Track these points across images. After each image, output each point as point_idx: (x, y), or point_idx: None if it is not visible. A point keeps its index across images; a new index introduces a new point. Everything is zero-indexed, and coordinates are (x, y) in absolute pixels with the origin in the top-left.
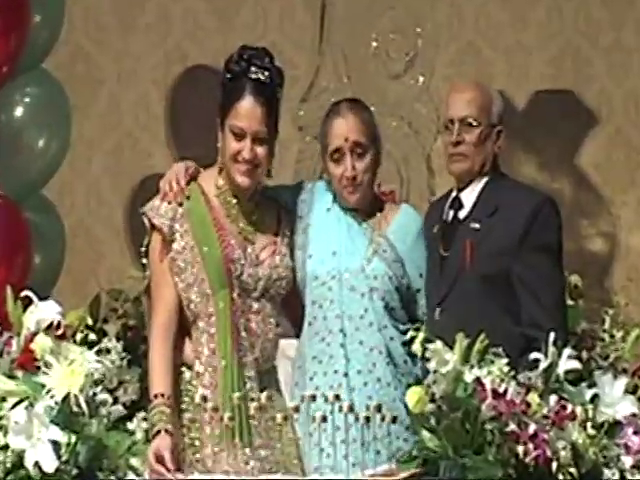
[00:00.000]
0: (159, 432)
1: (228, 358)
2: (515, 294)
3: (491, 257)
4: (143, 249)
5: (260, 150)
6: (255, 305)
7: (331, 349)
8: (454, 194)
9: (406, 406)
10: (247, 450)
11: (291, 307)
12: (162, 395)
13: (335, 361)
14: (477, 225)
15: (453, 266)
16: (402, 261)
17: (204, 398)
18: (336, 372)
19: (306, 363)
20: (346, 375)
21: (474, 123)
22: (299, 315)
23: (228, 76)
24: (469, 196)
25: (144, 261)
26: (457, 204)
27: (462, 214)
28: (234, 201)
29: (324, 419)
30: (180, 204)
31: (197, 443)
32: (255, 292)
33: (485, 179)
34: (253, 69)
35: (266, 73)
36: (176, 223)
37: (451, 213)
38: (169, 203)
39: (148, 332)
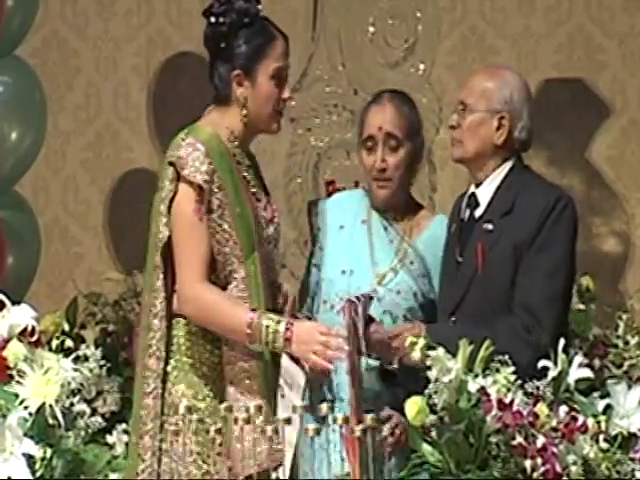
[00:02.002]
0: (288, 327)
1: None
2: None
3: (504, 262)
4: (166, 202)
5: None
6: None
7: (337, 376)
8: (471, 189)
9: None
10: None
11: None
12: (253, 311)
13: (340, 389)
14: (490, 226)
15: (467, 271)
16: (430, 275)
17: (189, 409)
18: (342, 400)
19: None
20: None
21: (467, 108)
22: None
23: (246, 21)
24: (485, 192)
25: (163, 215)
26: (473, 202)
27: (477, 213)
28: (246, 160)
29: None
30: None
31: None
32: (268, 256)
33: (502, 175)
34: (259, 7)
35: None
36: (211, 177)
37: (467, 212)
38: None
39: (179, 291)
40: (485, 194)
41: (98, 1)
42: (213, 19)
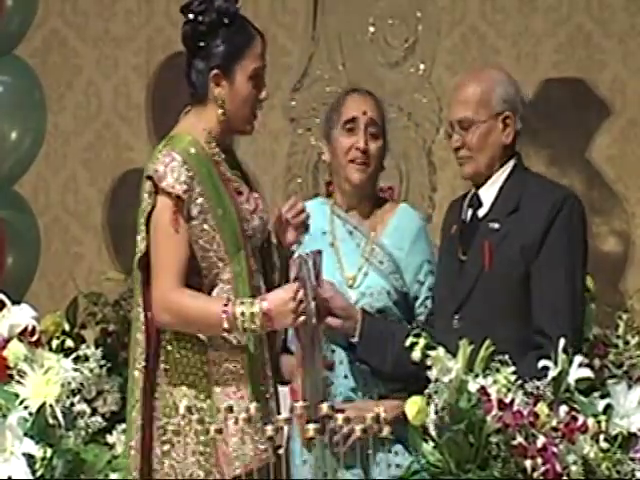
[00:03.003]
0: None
1: None
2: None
3: (511, 260)
4: (145, 215)
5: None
6: (253, 264)
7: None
8: (473, 191)
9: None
10: None
11: None
12: (228, 300)
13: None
14: (496, 225)
15: (472, 270)
16: (400, 270)
17: (189, 409)
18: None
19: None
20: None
21: (471, 123)
22: None
23: (226, 20)
24: (488, 193)
25: (142, 229)
26: (476, 202)
27: (481, 212)
28: (221, 153)
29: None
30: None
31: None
32: (256, 249)
33: (505, 174)
34: (238, 5)
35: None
36: (189, 186)
37: (470, 212)
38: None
39: (154, 302)
40: (488, 194)
41: (98, 1)
42: (192, 16)
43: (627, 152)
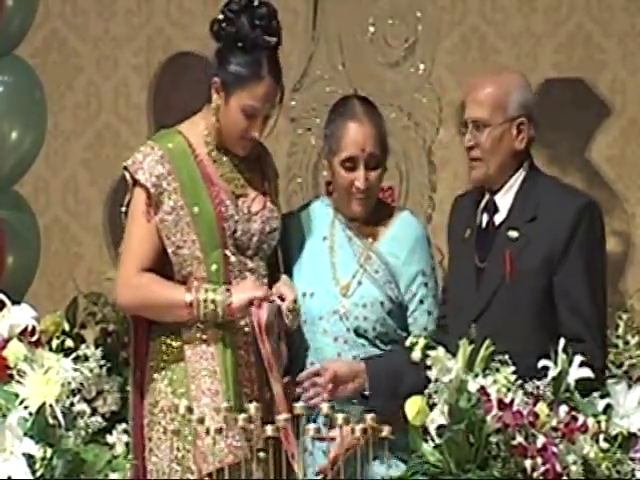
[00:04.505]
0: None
1: None
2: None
3: (533, 270)
4: (123, 209)
5: (265, 128)
6: (250, 263)
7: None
8: (487, 197)
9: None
10: None
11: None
12: (188, 289)
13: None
14: (515, 234)
15: (492, 279)
16: (396, 279)
17: (189, 409)
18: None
19: None
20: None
21: (486, 124)
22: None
23: (240, 45)
24: (504, 199)
25: (123, 212)
26: (492, 208)
27: (498, 219)
28: (222, 154)
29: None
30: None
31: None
32: (249, 250)
33: (520, 179)
34: (267, 36)
35: (275, 38)
36: (163, 181)
37: (485, 217)
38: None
39: (117, 283)
40: (504, 200)
41: (98, 1)
42: (222, 17)
43: (627, 152)
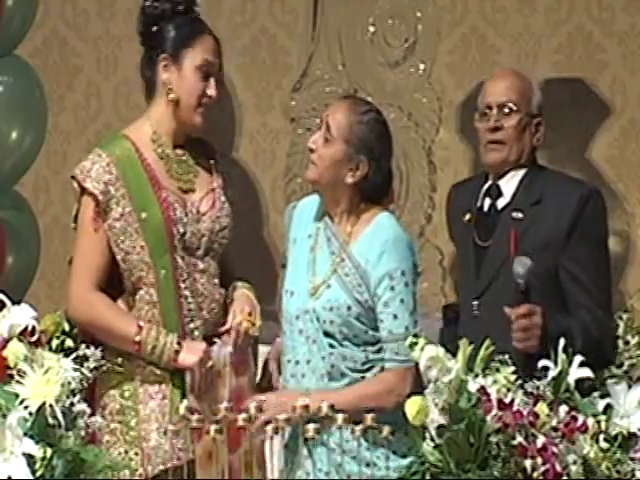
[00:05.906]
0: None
1: (173, 329)
2: (560, 288)
3: (536, 250)
4: (72, 225)
5: (219, 90)
6: (200, 264)
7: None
8: (490, 182)
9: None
10: None
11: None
12: (139, 327)
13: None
14: (520, 215)
15: (495, 257)
16: (367, 282)
17: (116, 410)
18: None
19: None
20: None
21: (514, 108)
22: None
23: (180, 8)
24: (508, 184)
25: (72, 225)
26: (495, 192)
27: (501, 203)
28: (169, 151)
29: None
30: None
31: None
32: (199, 250)
33: (524, 170)
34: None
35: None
36: (111, 187)
37: (487, 201)
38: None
39: (69, 298)
40: (509, 186)
41: (98, 1)
42: (148, 2)
43: (627, 152)
